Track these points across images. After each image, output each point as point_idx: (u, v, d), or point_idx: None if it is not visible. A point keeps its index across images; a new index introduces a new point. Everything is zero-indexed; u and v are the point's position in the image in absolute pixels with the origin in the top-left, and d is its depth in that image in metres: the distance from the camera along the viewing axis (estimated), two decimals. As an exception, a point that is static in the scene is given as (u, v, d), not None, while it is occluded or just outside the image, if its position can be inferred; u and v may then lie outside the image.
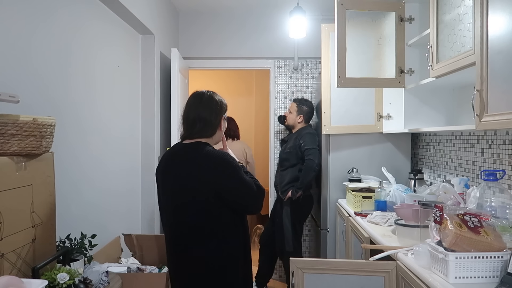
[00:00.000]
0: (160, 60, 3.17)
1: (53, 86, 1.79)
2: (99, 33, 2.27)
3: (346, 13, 2.41)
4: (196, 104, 1.72)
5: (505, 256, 1.30)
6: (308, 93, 3.97)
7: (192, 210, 1.62)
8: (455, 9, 1.85)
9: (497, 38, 1.43)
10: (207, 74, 5.56)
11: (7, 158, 1.16)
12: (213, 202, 1.60)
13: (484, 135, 2.13)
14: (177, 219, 1.67)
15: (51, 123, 1.30)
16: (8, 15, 1.49)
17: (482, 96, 1.50)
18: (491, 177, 1.64)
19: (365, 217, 2.36)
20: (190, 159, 1.63)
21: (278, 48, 3.91)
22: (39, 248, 1.29)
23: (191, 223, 1.63)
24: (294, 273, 1.65)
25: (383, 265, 1.62)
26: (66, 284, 1.24)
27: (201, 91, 1.77)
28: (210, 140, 1.73)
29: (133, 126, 2.84)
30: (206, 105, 1.71)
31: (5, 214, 1.13)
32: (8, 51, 1.49)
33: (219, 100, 1.76)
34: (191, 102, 1.75)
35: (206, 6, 3.75)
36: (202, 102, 1.71)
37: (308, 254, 3.95)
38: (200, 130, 1.68)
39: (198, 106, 1.70)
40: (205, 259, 1.63)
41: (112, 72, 2.44)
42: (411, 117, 2.52)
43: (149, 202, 3.02)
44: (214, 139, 1.75)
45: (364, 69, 2.52)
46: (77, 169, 2.00)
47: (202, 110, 1.69)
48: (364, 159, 3.11)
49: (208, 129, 1.70)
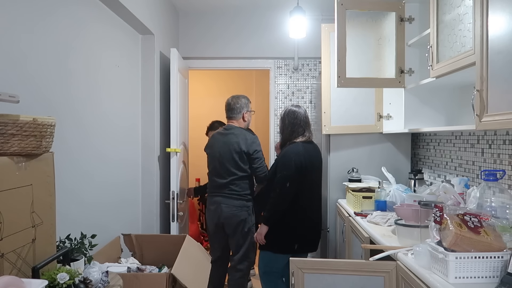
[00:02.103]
0: (160, 60, 3.17)
1: (53, 86, 1.79)
2: (99, 33, 2.27)
3: (346, 13, 2.41)
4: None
5: (505, 256, 1.30)
6: (308, 93, 3.97)
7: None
8: (455, 9, 1.85)
9: (497, 38, 1.43)
10: (207, 74, 5.56)
11: (7, 158, 1.16)
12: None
13: (484, 135, 2.13)
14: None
15: (51, 123, 1.29)
16: (8, 15, 1.49)
17: (482, 96, 1.50)
18: (491, 177, 1.64)
19: (365, 217, 2.36)
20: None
21: (278, 48, 3.91)
22: (39, 248, 1.28)
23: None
24: (294, 273, 1.65)
25: (383, 265, 1.62)
26: (66, 284, 1.24)
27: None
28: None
29: (133, 126, 2.84)
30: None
31: (5, 214, 1.13)
32: (8, 51, 1.49)
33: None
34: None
35: (206, 6, 3.75)
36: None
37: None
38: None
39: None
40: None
41: (112, 72, 2.44)
42: (411, 117, 2.52)
43: (149, 202, 3.02)
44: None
45: (364, 69, 2.52)
46: (77, 169, 2.00)
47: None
48: (364, 159, 3.11)
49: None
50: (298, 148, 2.47)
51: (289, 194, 2.40)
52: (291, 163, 2.40)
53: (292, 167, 2.39)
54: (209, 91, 5.76)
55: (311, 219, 2.54)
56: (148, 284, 1.80)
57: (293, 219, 2.46)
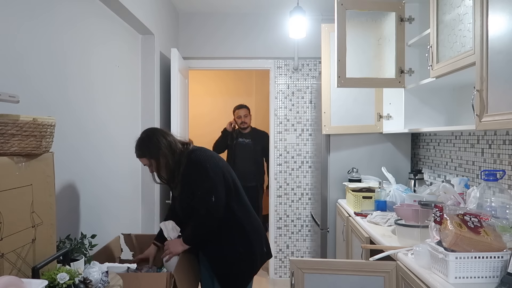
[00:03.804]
0: (160, 60, 3.17)
1: (53, 86, 1.79)
2: (99, 33, 2.27)
3: (346, 13, 2.41)
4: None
5: (505, 256, 1.30)
6: (308, 93, 3.97)
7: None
8: (455, 9, 1.85)
9: (497, 38, 1.43)
10: (207, 74, 5.56)
11: (7, 158, 1.16)
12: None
13: (484, 135, 2.13)
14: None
15: (51, 123, 1.29)
16: (6, 15, 1.49)
17: (482, 96, 1.50)
18: (491, 177, 1.64)
19: (365, 217, 2.36)
20: None
21: (278, 48, 3.91)
22: (39, 248, 1.28)
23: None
24: (294, 273, 1.65)
25: (383, 265, 1.62)
26: (66, 284, 1.24)
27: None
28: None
29: (133, 126, 2.84)
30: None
31: (5, 214, 1.13)
32: (8, 51, 1.49)
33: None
34: None
35: (206, 6, 3.75)
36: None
37: (308, 254, 3.96)
38: None
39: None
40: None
41: (112, 72, 2.44)
42: (411, 117, 2.52)
43: (149, 201, 3.02)
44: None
45: (364, 69, 2.52)
46: (77, 169, 2.00)
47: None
48: (364, 159, 3.11)
49: None
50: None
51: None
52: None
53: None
54: (209, 91, 5.76)
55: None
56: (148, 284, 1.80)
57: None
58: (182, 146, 2.06)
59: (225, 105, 5.67)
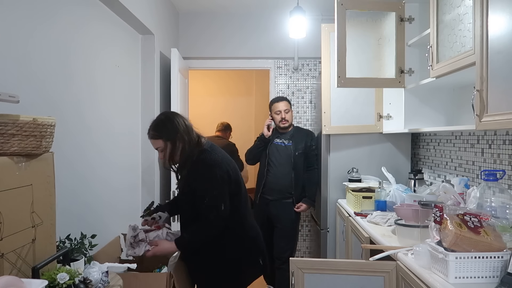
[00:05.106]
0: (160, 60, 3.17)
1: (53, 86, 1.79)
2: (99, 33, 2.27)
3: (346, 13, 2.41)
4: None
5: (505, 256, 1.30)
6: (308, 93, 3.97)
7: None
8: (455, 9, 1.85)
9: (497, 38, 1.43)
10: (207, 74, 5.56)
11: (7, 158, 1.16)
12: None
13: (484, 135, 2.13)
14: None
15: (51, 123, 1.29)
16: (8, 15, 1.49)
17: (482, 96, 1.50)
18: (491, 177, 1.64)
19: (365, 217, 2.36)
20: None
21: (278, 48, 3.91)
22: (39, 248, 1.28)
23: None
24: (294, 273, 1.65)
25: (383, 265, 1.62)
26: (66, 284, 1.24)
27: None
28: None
29: (133, 126, 2.84)
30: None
31: (5, 214, 1.13)
32: (9, 51, 1.49)
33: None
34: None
35: (206, 6, 3.75)
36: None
37: (308, 254, 3.95)
38: None
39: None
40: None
41: (112, 72, 2.44)
42: (411, 117, 2.52)
43: (149, 201, 3.01)
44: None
45: (364, 69, 2.52)
46: (77, 169, 2.00)
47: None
48: (364, 159, 3.11)
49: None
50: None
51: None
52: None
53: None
54: (209, 91, 5.76)
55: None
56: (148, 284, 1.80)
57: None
58: (197, 137, 1.98)
59: (225, 105, 5.68)
